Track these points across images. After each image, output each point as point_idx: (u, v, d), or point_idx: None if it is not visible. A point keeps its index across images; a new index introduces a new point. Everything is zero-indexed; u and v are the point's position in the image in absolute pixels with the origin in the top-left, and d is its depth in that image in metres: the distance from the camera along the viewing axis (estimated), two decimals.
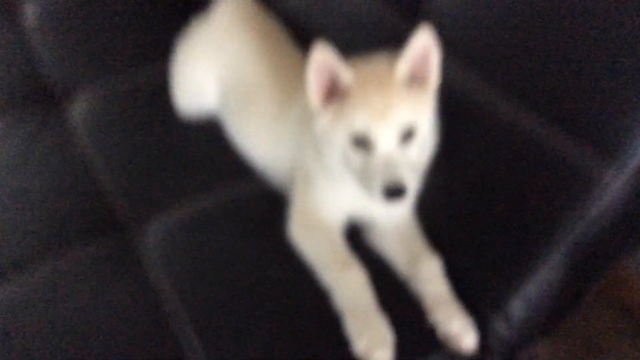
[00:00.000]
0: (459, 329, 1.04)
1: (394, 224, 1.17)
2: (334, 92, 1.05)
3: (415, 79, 1.04)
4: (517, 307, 1.08)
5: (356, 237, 1.19)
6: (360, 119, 1.00)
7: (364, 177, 1.03)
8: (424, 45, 1.02)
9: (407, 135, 1.02)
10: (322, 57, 1.01)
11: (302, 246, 1.14)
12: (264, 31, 1.45)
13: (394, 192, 0.99)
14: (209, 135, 1.44)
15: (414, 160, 1.04)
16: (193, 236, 1.23)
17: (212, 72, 1.43)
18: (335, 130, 1.04)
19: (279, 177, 1.29)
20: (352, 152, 1.03)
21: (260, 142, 1.32)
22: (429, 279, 1.10)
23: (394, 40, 1.29)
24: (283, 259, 1.15)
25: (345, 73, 1.02)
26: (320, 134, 1.07)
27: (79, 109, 1.56)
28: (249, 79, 1.36)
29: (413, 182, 1.03)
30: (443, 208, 1.16)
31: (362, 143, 1.01)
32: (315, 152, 1.11)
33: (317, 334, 1.05)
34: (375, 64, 1.06)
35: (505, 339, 1.10)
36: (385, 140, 1.00)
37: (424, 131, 1.04)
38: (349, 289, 1.05)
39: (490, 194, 1.11)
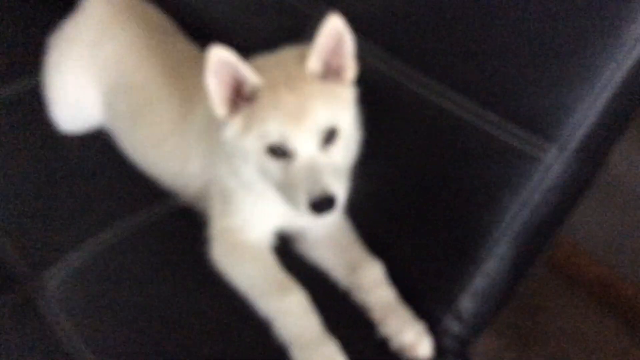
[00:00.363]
0: (413, 338, 0.97)
1: (327, 231, 1.07)
2: (239, 97, 0.92)
3: (330, 72, 0.93)
4: (467, 302, 1.03)
5: (284, 247, 1.09)
6: (273, 126, 0.89)
7: (285, 189, 0.91)
8: (335, 34, 0.91)
9: (329, 137, 0.91)
10: (220, 59, 0.88)
11: (230, 272, 1.01)
12: (147, 24, 1.28)
13: (321, 203, 0.87)
14: (100, 152, 1.26)
15: (339, 163, 0.93)
16: (99, 275, 1.08)
17: (90, 77, 1.25)
18: (246, 140, 0.91)
19: (190, 194, 1.15)
20: (269, 162, 0.91)
21: (161, 156, 1.16)
22: (373, 286, 1.02)
23: (299, 27, 1.20)
24: (209, 289, 1.02)
25: (251, 75, 0.89)
26: (230, 146, 0.94)
27: None
28: (138, 83, 1.20)
29: (341, 189, 0.91)
30: (377, 207, 1.07)
31: (279, 151, 0.90)
32: (228, 165, 0.99)
33: None
34: (283, 60, 0.94)
35: (457, 336, 1.04)
36: (305, 146, 0.89)
37: (346, 129, 0.94)
38: (292, 316, 0.95)
39: (427, 187, 1.04)
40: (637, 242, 1.56)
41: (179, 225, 1.14)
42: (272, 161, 0.91)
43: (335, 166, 0.92)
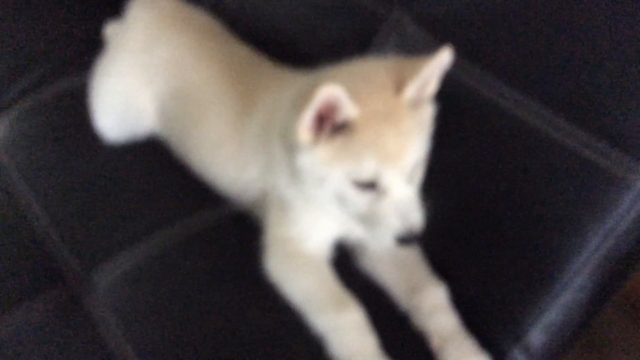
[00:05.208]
0: None
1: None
2: (326, 123, 0.84)
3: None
4: (538, 335, 0.94)
5: (343, 260, 1.02)
6: (370, 163, 0.83)
7: (368, 221, 0.88)
8: (441, 67, 0.85)
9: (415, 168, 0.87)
10: (330, 97, 0.80)
11: (285, 284, 0.95)
12: (198, 27, 1.24)
13: (407, 239, 0.86)
14: (153, 159, 1.21)
15: (418, 187, 0.89)
16: (149, 281, 1.03)
17: (142, 83, 1.20)
18: (332, 171, 0.85)
19: (246, 201, 1.09)
20: (352, 193, 0.86)
21: (217, 162, 1.11)
22: (434, 311, 0.94)
23: (369, 29, 1.14)
24: (261, 300, 0.96)
25: (351, 108, 0.81)
26: (308, 170, 0.88)
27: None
28: (194, 86, 1.15)
29: (423, 218, 0.87)
30: (444, 226, 0.99)
31: (366, 184, 0.85)
32: (291, 178, 0.93)
33: None
34: (376, 83, 0.86)
35: None
36: (399, 184, 0.85)
37: (426, 153, 0.89)
38: (348, 334, 0.89)
39: (501, 207, 0.96)
40: None
41: (234, 232, 1.08)
42: (356, 193, 0.86)
43: (416, 194, 0.88)
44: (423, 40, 1.05)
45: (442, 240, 0.99)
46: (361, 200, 0.86)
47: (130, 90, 1.21)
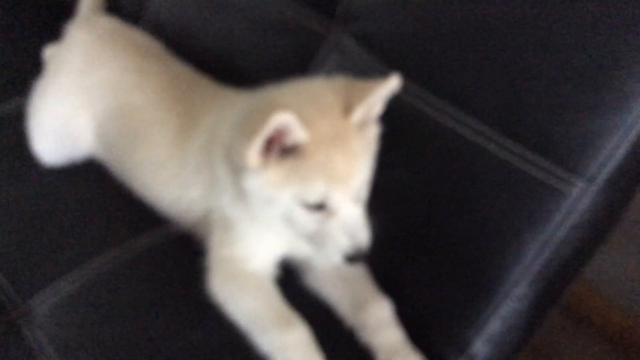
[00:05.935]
0: None
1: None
2: (273, 146, 0.83)
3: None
4: (481, 346, 0.95)
5: (288, 278, 1.01)
6: (319, 185, 0.83)
7: (316, 239, 0.88)
8: (388, 94, 0.86)
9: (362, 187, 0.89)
10: (281, 124, 0.79)
11: (229, 304, 0.94)
12: (138, 48, 1.22)
13: (355, 257, 0.87)
14: (90, 181, 1.19)
15: (364, 205, 0.90)
16: (89, 306, 1.00)
17: (80, 106, 1.18)
18: (281, 193, 0.85)
19: (189, 221, 1.07)
20: (302, 213, 0.86)
21: (159, 182, 1.09)
22: (380, 326, 0.94)
23: (310, 47, 1.15)
24: (205, 321, 0.95)
25: (301, 133, 0.81)
26: (255, 192, 0.88)
27: None
28: (134, 107, 1.13)
29: (369, 235, 0.88)
30: (387, 241, 0.99)
31: (316, 206, 0.85)
32: (236, 197, 0.93)
33: None
34: (328, 112, 0.85)
35: None
36: (348, 205, 0.86)
37: (371, 171, 0.90)
38: (293, 353, 0.88)
39: (442, 221, 0.97)
40: None
41: (176, 254, 1.07)
42: (305, 213, 0.86)
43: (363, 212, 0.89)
44: (363, 59, 1.06)
45: (386, 256, 1.00)
46: (309, 220, 0.86)
47: (68, 113, 1.19)
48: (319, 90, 0.88)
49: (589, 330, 1.59)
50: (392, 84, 0.84)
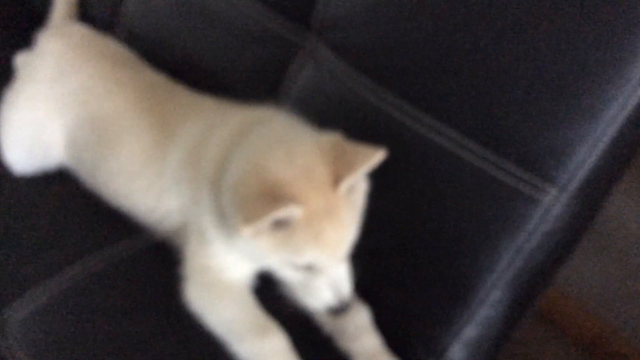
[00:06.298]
0: None
1: None
2: None
3: None
4: (458, 351, 0.97)
5: (265, 287, 1.01)
6: (310, 254, 0.85)
7: (301, 289, 0.92)
8: (370, 167, 0.86)
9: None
10: (289, 214, 0.81)
11: (205, 313, 0.94)
12: (110, 56, 1.22)
13: (339, 310, 0.90)
14: (63, 190, 1.17)
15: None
16: (63, 316, 0.98)
17: (50, 115, 1.16)
18: (271, 256, 0.87)
19: (165, 230, 1.07)
20: (291, 270, 0.89)
21: (134, 191, 1.08)
22: (358, 333, 0.95)
23: (286, 57, 1.15)
24: (182, 330, 0.94)
25: (296, 210, 0.82)
26: (245, 249, 0.90)
27: None
28: (107, 115, 1.12)
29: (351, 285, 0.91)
30: (363, 248, 1.00)
31: (304, 267, 0.87)
32: (218, 224, 0.93)
33: None
34: (320, 185, 0.84)
35: None
36: (335, 267, 0.88)
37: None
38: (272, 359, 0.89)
39: (417, 228, 0.98)
40: (629, 292, 1.51)
41: (152, 262, 1.06)
42: (294, 269, 0.88)
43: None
44: (339, 69, 1.07)
45: (362, 261, 1.00)
46: (296, 275, 0.89)
47: (39, 122, 1.17)
48: (311, 160, 0.86)
49: (564, 338, 1.61)
50: (377, 158, 0.85)
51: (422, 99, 0.97)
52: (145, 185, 1.06)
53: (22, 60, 1.34)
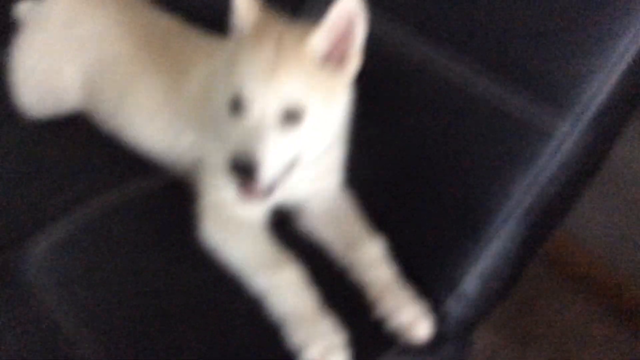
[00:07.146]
0: (411, 318, 0.91)
1: (327, 205, 1.02)
2: None
3: (332, 58, 0.87)
4: (472, 283, 0.98)
5: (282, 223, 1.03)
6: (244, 72, 0.84)
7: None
8: (347, 16, 0.84)
9: (291, 117, 0.85)
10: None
11: (221, 249, 0.95)
12: (122, 1, 1.22)
13: (240, 166, 0.82)
14: (79, 131, 1.19)
15: (294, 151, 0.88)
16: (85, 245, 1.01)
17: (66, 59, 1.18)
18: (219, 88, 0.89)
19: (181, 168, 1.08)
20: (228, 120, 0.86)
21: (150, 131, 1.10)
22: (372, 264, 0.96)
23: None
24: (199, 263, 0.96)
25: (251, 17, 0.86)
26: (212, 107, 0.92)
27: None
28: (123, 58, 1.14)
29: (275, 168, 0.85)
30: (379, 182, 1.02)
31: (237, 106, 0.85)
32: (218, 139, 0.94)
33: (255, 350, 0.89)
34: (289, 29, 0.87)
35: (460, 319, 0.99)
36: (261, 106, 0.83)
37: (315, 121, 0.87)
38: (287, 292, 0.89)
39: (432, 162, 0.99)
40: (638, 238, 1.52)
41: (170, 199, 1.07)
42: (230, 119, 0.86)
43: (288, 151, 0.87)
44: None
45: (380, 195, 1.02)
46: (231, 126, 0.86)
47: (54, 67, 1.19)
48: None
49: (574, 286, 1.63)
50: (345, 6, 0.82)
51: (435, 32, 0.97)
52: (163, 124, 1.08)
53: (27, 8, 1.34)
